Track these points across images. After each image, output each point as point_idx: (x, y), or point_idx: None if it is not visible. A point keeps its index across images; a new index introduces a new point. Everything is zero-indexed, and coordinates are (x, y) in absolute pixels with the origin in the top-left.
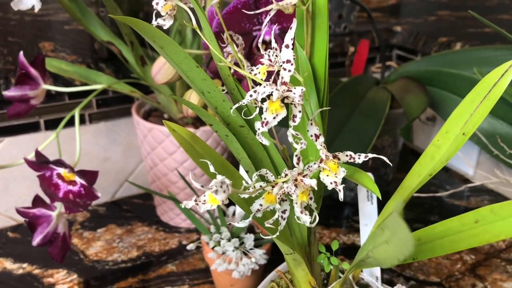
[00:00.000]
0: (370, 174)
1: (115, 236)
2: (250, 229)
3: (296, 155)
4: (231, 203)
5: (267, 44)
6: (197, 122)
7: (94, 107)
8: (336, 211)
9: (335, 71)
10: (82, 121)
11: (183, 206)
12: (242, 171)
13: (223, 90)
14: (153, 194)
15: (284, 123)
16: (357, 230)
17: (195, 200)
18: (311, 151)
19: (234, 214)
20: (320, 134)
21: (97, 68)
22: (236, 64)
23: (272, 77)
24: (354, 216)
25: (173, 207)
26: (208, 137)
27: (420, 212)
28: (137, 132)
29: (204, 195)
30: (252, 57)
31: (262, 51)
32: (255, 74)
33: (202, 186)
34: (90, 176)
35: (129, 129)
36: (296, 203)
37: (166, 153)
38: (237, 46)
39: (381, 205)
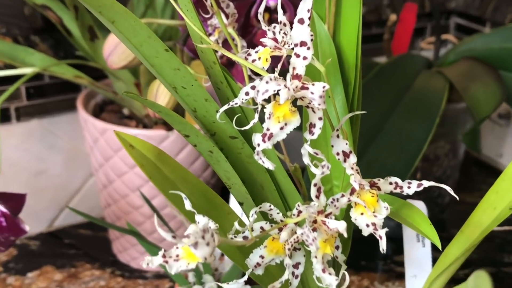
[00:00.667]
0: (421, 205)
1: (52, 284)
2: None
3: (315, 185)
4: None
5: (271, 13)
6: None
7: (23, 98)
8: (370, 248)
9: (368, 47)
10: (6, 118)
11: (144, 266)
12: (234, 203)
13: (207, 83)
14: (104, 226)
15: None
16: (399, 277)
17: (163, 256)
18: (336, 172)
19: (222, 254)
20: (350, 152)
21: (28, 43)
22: (226, 44)
23: (279, 65)
24: (394, 256)
25: (136, 242)
26: (186, 145)
27: (490, 250)
28: (85, 134)
29: (177, 247)
30: (250, 31)
31: (264, 24)
32: (253, 61)
33: (173, 237)
34: (13, 201)
35: (73, 129)
36: (316, 257)
37: (126, 166)
38: (227, 16)
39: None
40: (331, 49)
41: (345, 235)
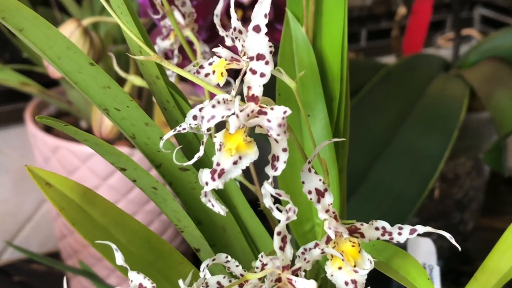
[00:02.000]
0: (427, 244)
1: None
2: None
3: (279, 233)
4: None
5: (245, 10)
6: None
7: None
8: (379, 285)
9: (374, 45)
10: None
11: None
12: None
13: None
14: (66, 252)
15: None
16: None
17: None
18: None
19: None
20: (325, 190)
21: None
22: (182, 52)
23: (237, 82)
24: None
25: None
26: None
27: None
28: (35, 152)
29: None
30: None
31: (221, 29)
32: (206, 75)
33: None
34: None
35: (23, 145)
36: None
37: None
38: (184, 16)
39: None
40: (310, 57)
41: None
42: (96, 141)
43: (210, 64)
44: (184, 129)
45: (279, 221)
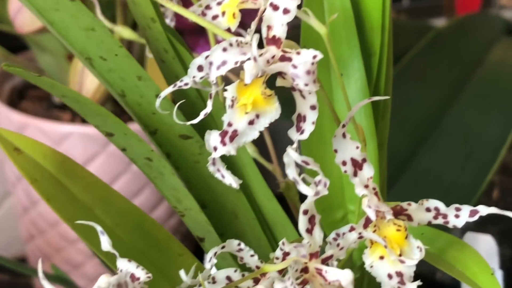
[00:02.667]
0: (488, 241)
1: None
2: None
3: (306, 212)
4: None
5: None
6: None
7: None
8: None
9: (419, 5)
10: None
11: None
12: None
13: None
14: (34, 258)
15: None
16: None
17: None
18: (352, 191)
19: None
20: (364, 161)
21: None
22: None
23: (252, 27)
24: None
25: None
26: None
27: None
28: None
29: None
30: None
31: None
32: (213, 18)
33: None
34: None
35: None
36: None
37: None
38: None
39: None
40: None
41: None
42: (77, 97)
43: (219, 3)
44: (186, 84)
45: (302, 200)
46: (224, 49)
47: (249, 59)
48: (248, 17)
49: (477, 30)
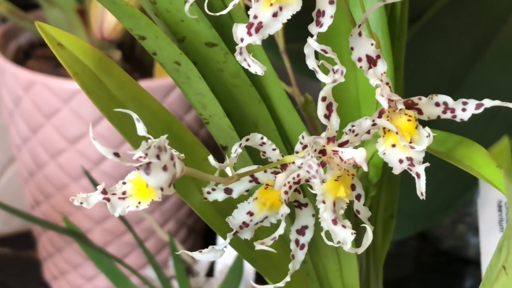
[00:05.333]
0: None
1: None
2: None
3: (324, 99)
4: (205, 242)
5: None
6: (133, 70)
7: None
8: (447, 277)
9: None
10: None
11: (76, 202)
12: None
13: None
14: (38, 230)
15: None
16: None
17: (104, 191)
18: (369, 107)
19: (211, 272)
20: (378, 57)
21: None
22: None
23: None
24: None
25: (79, 262)
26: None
27: None
28: (1, 93)
29: (124, 182)
30: None
31: None
32: None
33: (116, 155)
34: None
35: None
36: (324, 203)
37: (64, 139)
38: None
39: None
40: None
41: (365, 168)
42: (115, 1)
43: None
44: None
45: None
46: None
47: None
48: None
49: None
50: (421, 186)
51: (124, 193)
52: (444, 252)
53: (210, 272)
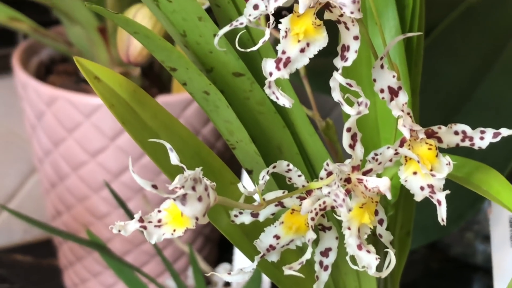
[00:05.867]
0: None
1: None
2: None
3: (349, 130)
4: (223, 259)
5: None
6: (152, 85)
7: None
8: (455, 283)
9: None
10: None
11: (115, 230)
12: (247, 182)
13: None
14: (59, 238)
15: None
16: None
17: (141, 220)
18: (387, 130)
19: (228, 283)
20: (399, 88)
21: None
22: None
23: None
24: None
25: (99, 270)
26: (176, 115)
27: None
28: (24, 106)
29: (160, 210)
30: None
31: None
32: None
33: (154, 187)
34: None
35: (5, 101)
36: (349, 229)
37: (85, 152)
38: None
39: None
40: None
41: (389, 196)
42: (147, 34)
43: None
44: (241, 23)
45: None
46: None
47: None
48: None
49: (508, 3)
50: (442, 213)
51: (159, 221)
52: (452, 258)
53: (228, 282)
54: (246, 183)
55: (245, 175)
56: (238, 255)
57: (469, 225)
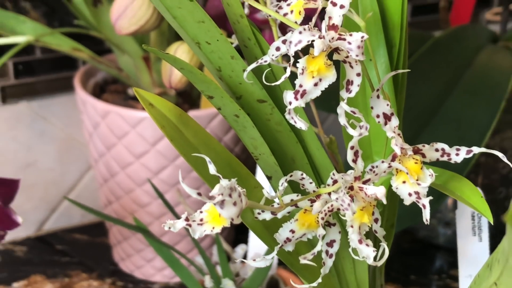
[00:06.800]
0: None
1: None
2: (272, 285)
3: (352, 148)
4: (238, 240)
5: None
6: (184, 102)
7: (10, 75)
8: (421, 259)
9: (422, 19)
10: None
11: (166, 227)
12: (260, 177)
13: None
14: (109, 222)
15: (331, 107)
16: None
17: (186, 219)
18: (377, 144)
19: (245, 257)
20: (392, 114)
21: (17, 10)
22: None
23: (313, 20)
24: (451, 270)
25: (141, 248)
26: (203, 126)
27: None
28: (83, 118)
29: (201, 211)
30: None
31: None
32: (284, 15)
33: (199, 194)
34: (5, 187)
35: (68, 114)
36: (352, 227)
37: (131, 155)
38: None
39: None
40: (372, 5)
41: (384, 201)
42: (191, 69)
43: (288, 4)
44: (265, 61)
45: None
46: (300, 32)
47: (318, 37)
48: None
49: (467, 38)
50: (426, 215)
51: (201, 220)
52: (420, 240)
53: (244, 257)
54: (260, 178)
55: (259, 173)
56: (252, 237)
57: (433, 213)
